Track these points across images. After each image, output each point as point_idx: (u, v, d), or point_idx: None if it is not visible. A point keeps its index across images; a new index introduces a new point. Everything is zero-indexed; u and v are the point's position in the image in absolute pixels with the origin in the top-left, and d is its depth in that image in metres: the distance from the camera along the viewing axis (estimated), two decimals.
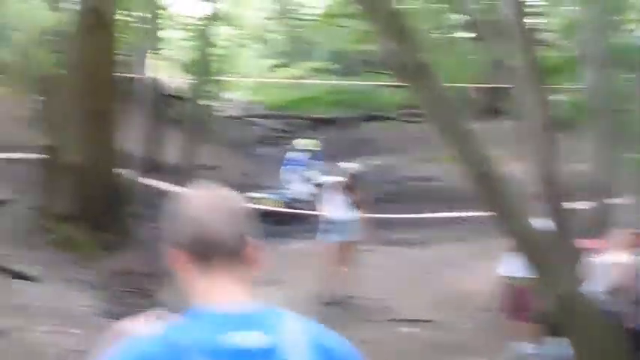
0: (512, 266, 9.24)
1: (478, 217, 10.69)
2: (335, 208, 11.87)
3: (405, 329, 10.78)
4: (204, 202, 2.38)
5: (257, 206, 16.33)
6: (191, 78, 23.38)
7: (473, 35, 15.18)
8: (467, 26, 15.97)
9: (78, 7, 14.01)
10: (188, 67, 24.44)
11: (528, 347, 9.77)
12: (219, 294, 2.31)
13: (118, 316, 10.15)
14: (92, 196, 13.06)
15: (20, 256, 11.45)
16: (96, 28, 13.45)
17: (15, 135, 18.26)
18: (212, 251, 2.32)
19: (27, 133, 16.06)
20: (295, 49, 35.89)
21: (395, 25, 5.86)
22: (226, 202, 2.39)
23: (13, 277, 10.50)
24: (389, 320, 11.04)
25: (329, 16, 31.20)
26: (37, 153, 13.85)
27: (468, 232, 14.71)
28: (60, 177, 13.18)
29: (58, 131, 13.63)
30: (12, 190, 14.70)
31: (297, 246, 14.42)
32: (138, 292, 11.39)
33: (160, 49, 24.11)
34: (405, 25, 5.93)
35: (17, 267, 10.79)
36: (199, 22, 23.68)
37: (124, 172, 14.05)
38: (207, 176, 20.43)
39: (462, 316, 11.09)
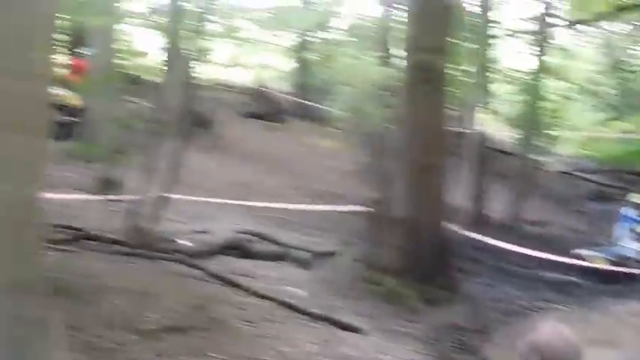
0: None
1: None
2: None
3: None
4: (560, 339, 3.29)
5: (587, 264, 15.75)
6: (518, 132, 23.14)
7: None
8: None
9: (407, 62, 14.18)
10: (515, 121, 24.20)
11: None
12: None
13: None
14: (419, 250, 13.09)
15: (345, 307, 11.62)
16: (425, 82, 13.56)
17: (344, 188, 18.84)
18: None
19: (356, 186, 16.45)
20: (627, 102, 34.69)
21: None
22: (572, 340, 3.29)
23: (338, 328, 10.63)
24: None
25: None
26: (365, 206, 14.10)
27: None
28: (387, 230, 13.33)
29: (386, 185, 13.83)
30: (339, 241, 15.06)
31: (630, 306, 13.66)
32: (462, 347, 11.21)
33: (487, 102, 24.04)
34: None
35: (342, 317, 10.93)
36: (528, 76, 23.42)
37: (451, 226, 13.98)
38: (534, 232, 20.04)
39: None
